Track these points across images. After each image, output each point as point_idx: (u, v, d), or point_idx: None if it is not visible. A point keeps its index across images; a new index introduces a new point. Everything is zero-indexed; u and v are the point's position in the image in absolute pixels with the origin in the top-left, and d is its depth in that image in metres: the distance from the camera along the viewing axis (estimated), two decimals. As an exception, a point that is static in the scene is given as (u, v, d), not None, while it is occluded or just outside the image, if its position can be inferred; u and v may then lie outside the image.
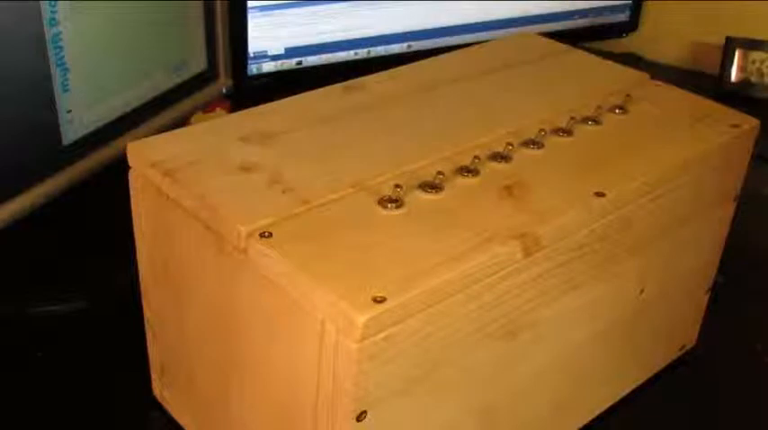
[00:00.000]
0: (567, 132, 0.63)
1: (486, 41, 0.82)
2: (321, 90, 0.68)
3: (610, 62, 0.77)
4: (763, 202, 1.01)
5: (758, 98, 1.24)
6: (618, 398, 0.70)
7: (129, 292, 0.65)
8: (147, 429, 0.67)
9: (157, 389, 0.67)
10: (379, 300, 0.45)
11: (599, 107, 0.66)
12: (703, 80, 1.26)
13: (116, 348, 0.72)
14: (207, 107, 1.01)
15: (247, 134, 0.61)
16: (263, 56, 1.06)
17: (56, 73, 0.75)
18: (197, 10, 0.94)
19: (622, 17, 1.31)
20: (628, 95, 0.69)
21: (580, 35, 1.23)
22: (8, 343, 0.72)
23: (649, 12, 1.34)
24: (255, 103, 0.65)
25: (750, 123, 0.67)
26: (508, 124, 0.64)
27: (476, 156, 0.58)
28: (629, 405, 0.70)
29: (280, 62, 1.07)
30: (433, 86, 0.69)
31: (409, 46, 1.15)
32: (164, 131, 0.62)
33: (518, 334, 0.55)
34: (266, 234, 0.50)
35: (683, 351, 0.76)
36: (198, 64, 0.96)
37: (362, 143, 0.61)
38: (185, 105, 0.96)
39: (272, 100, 0.66)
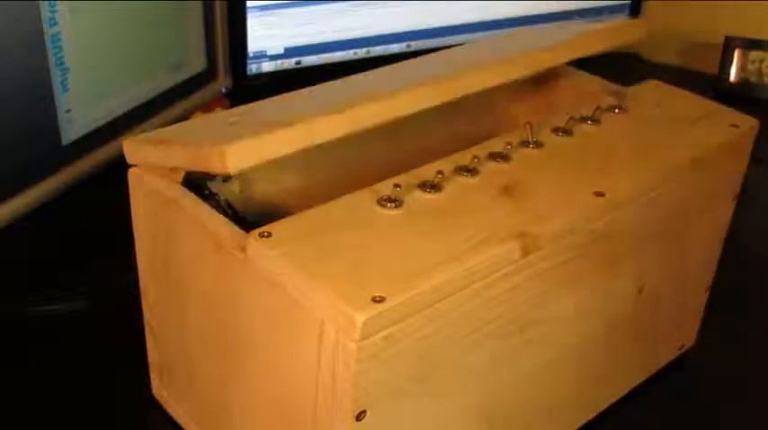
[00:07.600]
0: (567, 132, 0.63)
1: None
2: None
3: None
4: (763, 202, 1.01)
5: (758, 98, 1.24)
6: (617, 397, 0.70)
7: (129, 292, 0.65)
8: (146, 429, 0.67)
9: (157, 388, 0.67)
10: (378, 300, 0.45)
11: (598, 107, 0.66)
12: (703, 80, 1.26)
13: (116, 348, 0.72)
14: (206, 106, 1.01)
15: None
16: (262, 55, 1.06)
17: (55, 72, 0.75)
18: (197, 10, 0.94)
19: (622, 17, 1.31)
20: (626, 95, 0.69)
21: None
22: (8, 342, 0.72)
23: (649, 12, 1.34)
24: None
25: (749, 123, 0.67)
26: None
27: (475, 156, 0.58)
28: (629, 405, 0.70)
29: (279, 62, 1.08)
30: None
31: (408, 45, 1.15)
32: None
33: (517, 333, 0.55)
34: (266, 234, 0.50)
35: (683, 350, 0.76)
36: (197, 63, 0.96)
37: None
38: (185, 105, 0.96)
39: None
